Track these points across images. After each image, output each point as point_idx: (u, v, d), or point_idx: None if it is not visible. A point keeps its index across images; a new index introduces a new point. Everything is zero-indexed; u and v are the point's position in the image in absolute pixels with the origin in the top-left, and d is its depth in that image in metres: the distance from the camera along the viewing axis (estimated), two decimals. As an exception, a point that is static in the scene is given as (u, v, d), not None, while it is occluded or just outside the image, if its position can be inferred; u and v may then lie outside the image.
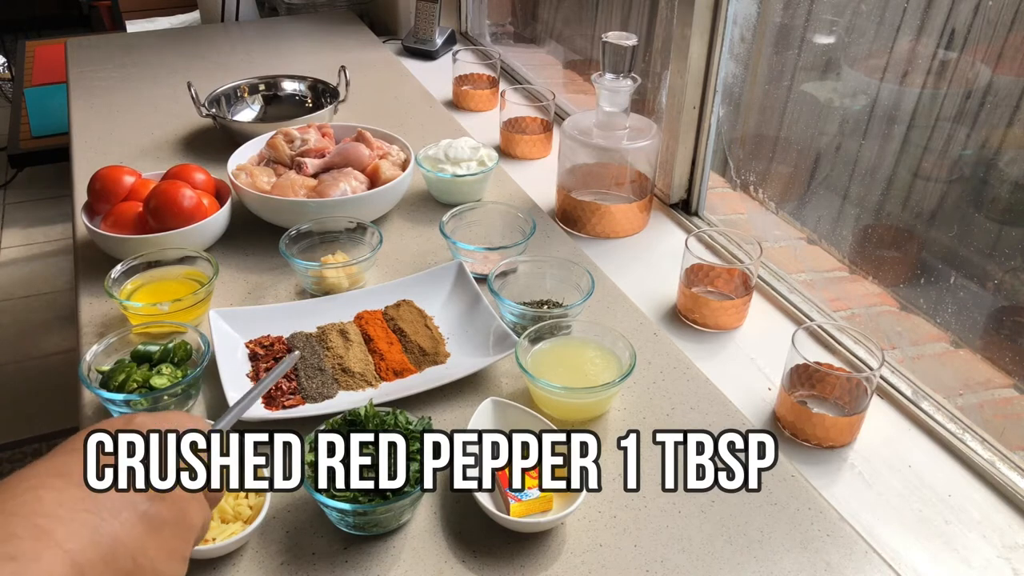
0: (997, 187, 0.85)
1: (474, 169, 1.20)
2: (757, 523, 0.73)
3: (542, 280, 1.00)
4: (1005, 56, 0.82)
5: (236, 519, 0.70)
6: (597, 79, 1.14)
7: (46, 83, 2.75)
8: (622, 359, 0.84)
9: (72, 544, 0.41)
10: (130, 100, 1.61)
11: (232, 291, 1.04)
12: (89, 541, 0.42)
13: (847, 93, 1.01)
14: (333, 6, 2.22)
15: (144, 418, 0.51)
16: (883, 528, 0.76)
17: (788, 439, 0.86)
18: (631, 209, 1.20)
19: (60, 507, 0.43)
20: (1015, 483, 0.79)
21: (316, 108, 1.54)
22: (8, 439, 2.10)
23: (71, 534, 0.42)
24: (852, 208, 1.03)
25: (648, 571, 0.68)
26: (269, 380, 0.67)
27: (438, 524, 0.72)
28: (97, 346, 0.85)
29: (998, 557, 0.74)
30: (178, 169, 1.13)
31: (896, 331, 0.97)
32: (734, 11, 1.12)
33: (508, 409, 0.80)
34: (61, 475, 0.45)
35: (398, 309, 0.97)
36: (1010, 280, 0.84)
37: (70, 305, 2.54)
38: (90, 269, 1.07)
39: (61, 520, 0.42)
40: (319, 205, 1.09)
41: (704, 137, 1.21)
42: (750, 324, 1.03)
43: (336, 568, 0.68)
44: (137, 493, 0.46)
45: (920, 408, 0.88)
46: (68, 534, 0.42)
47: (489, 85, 1.66)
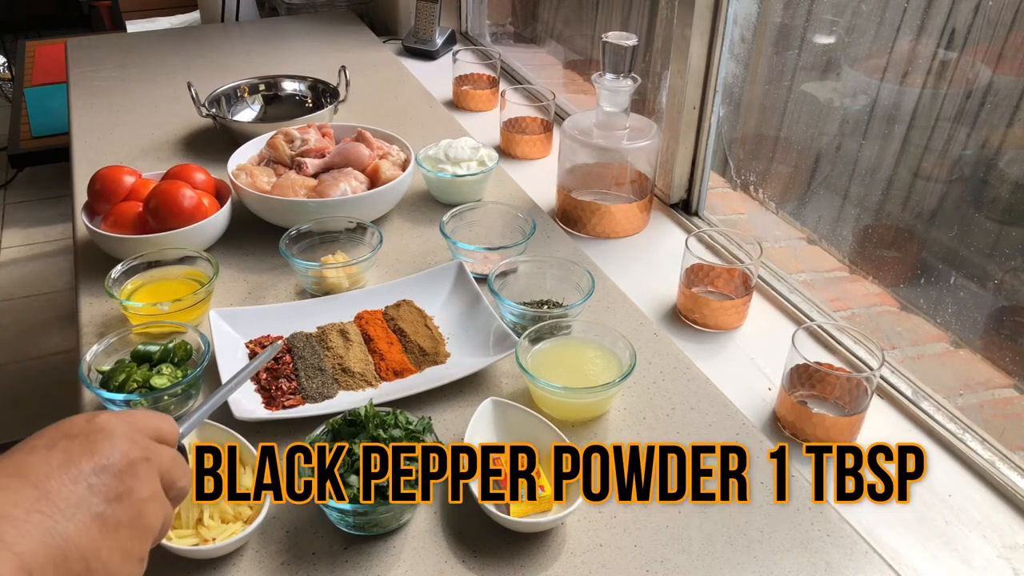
0: (997, 187, 0.85)
1: (474, 169, 1.20)
2: (757, 523, 0.73)
3: (542, 280, 1.00)
4: (1005, 56, 0.82)
5: (236, 519, 0.70)
6: (597, 79, 1.14)
7: (46, 83, 2.76)
8: (622, 359, 0.84)
9: (23, 546, 0.41)
10: (130, 100, 1.61)
11: (232, 291, 1.04)
12: (40, 543, 0.42)
13: (847, 93, 1.01)
14: (333, 6, 2.22)
15: (107, 416, 0.50)
16: (883, 528, 0.76)
17: (788, 439, 0.86)
18: (631, 209, 1.20)
19: (14, 507, 0.42)
20: (1015, 483, 0.79)
21: (316, 108, 1.54)
22: (8, 439, 2.10)
23: (22, 535, 0.41)
24: (852, 208, 1.03)
25: (648, 571, 0.68)
26: (244, 375, 0.67)
27: (438, 524, 0.72)
28: (97, 346, 0.85)
29: (998, 557, 0.74)
30: (178, 169, 1.13)
31: (896, 331, 0.97)
32: (734, 11, 1.12)
33: (508, 409, 0.80)
34: (18, 474, 0.44)
35: (398, 309, 0.97)
36: (1010, 280, 0.84)
37: (70, 305, 2.54)
38: (90, 269, 1.07)
39: (13, 521, 0.42)
40: (319, 205, 1.09)
41: (704, 137, 1.21)
42: (750, 324, 1.03)
43: (336, 568, 0.68)
44: (93, 495, 0.45)
45: (920, 408, 0.88)
46: (19, 535, 0.41)
47: (489, 85, 1.66)
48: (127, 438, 0.49)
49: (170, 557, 0.68)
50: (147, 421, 0.52)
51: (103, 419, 0.49)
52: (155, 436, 0.52)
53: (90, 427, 0.48)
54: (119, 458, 0.47)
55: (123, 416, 0.51)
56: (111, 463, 0.47)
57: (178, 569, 0.68)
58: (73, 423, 0.49)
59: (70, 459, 0.46)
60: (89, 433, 0.48)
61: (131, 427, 0.50)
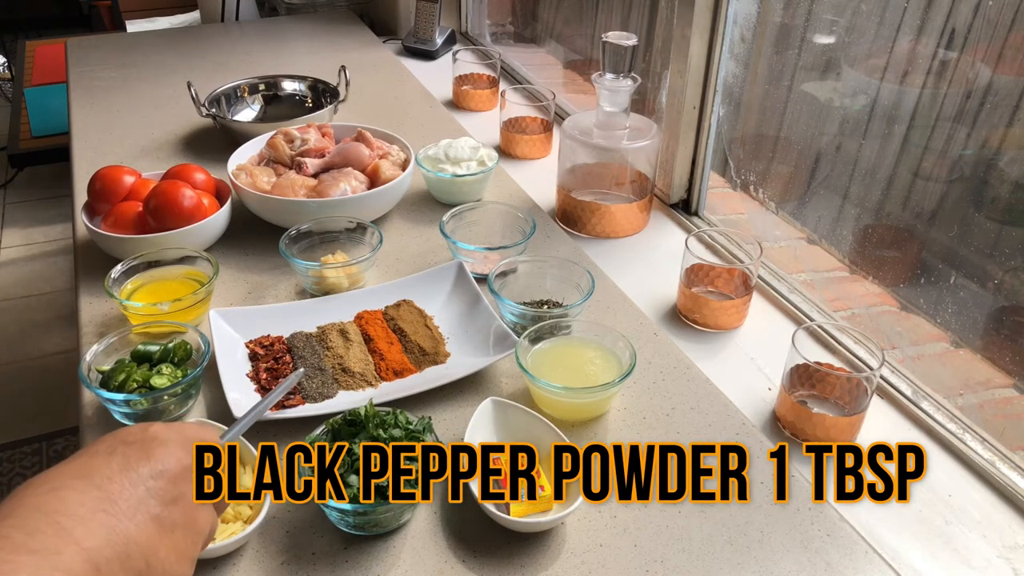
0: (997, 187, 0.85)
1: (474, 169, 1.20)
2: (757, 523, 0.73)
3: (542, 280, 1.00)
4: (1005, 56, 0.82)
5: (236, 519, 0.70)
6: (597, 79, 1.14)
7: (46, 83, 2.76)
8: (622, 359, 0.84)
9: (90, 543, 0.43)
10: (130, 100, 1.61)
11: (232, 291, 1.04)
12: (105, 540, 0.44)
13: (847, 93, 1.01)
14: (333, 6, 2.22)
15: (160, 426, 0.53)
16: (883, 528, 0.76)
17: (788, 439, 0.86)
18: (631, 209, 1.20)
19: (81, 507, 0.45)
20: (1015, 483, 0.79)
21: (316, 108, 1.54)
22: (8, 439, 2.10)
23: (89, 533, 0.44)
24: (852, 208, 1.03)
25: (648, 571, 0.68)
26: (275, 395, 0.69)
27: (438, 524, 0.72)
28: (97, 346, 0.85)
29: (998, 557, 0.74)
30: (178, 169, 1.13)
31: (896, 331, 0.97)
32: (734, 11, 1.12)
33: (508, 409, 0.80)
34: (82, 476, 0.47)
35: (398, 309, 0.97)
36: (1010, 280, 0.84)
37: (70, 305, 2.54)
38: (90, 269, 1.07)
39: (81, 519, 0.44)
40: (319, 205, 1.09)
41: (704, 137, 1.21)
42: (750, 324, 1.03)
43: (336, 568, 0.68)
44: (151, 497, 0.48)
45: (920, 408, 0.88)
46: (86, 533, 0.44)
47: (489, 85, 1.66)
48: (179, 445, 0.52)
49: (170, 557, 0.68)
50: (195, 432, 0.55)
51: (156, 428, 0.53)
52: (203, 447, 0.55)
53: (145, 435, 0.52)
54: (173, 464, 0.51)
55: (174, 427, 0.54)
56: (166, 468, 0.50)
57: (178, 569, 0.68)
58: (129, 432, 0.52)
59: (129, 464, 0.49)
60: (144, 441, 0.51)
61: (182, 436, 0.53)
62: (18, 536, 0.42)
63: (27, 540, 0.42)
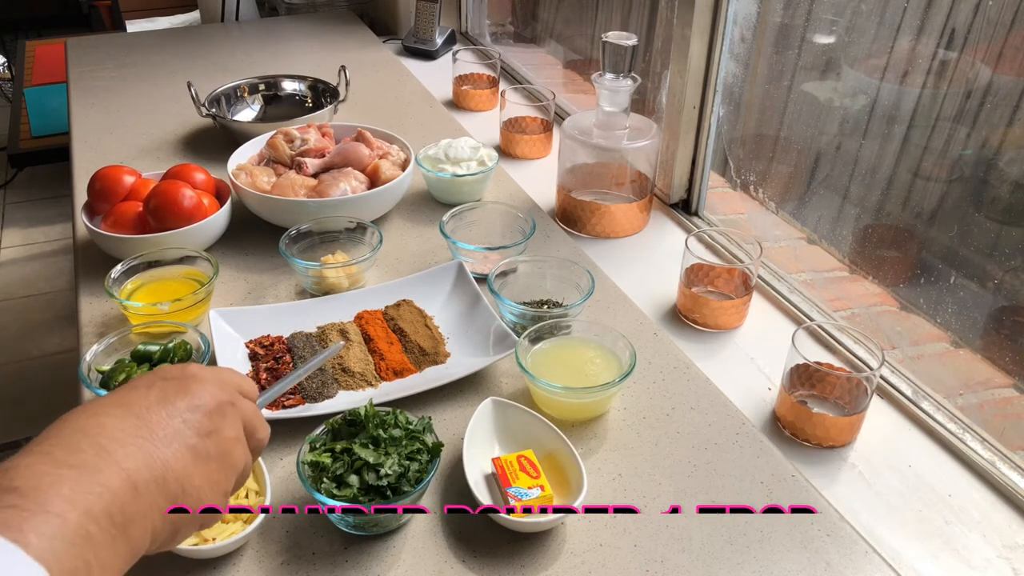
0: (997, 187, 0.85)
1: (474, 169, 1.20)
2: (757, 523, 0.73)
3: (542, 280, 1.00)
4: (1005, 56, 0.82)
5: (236, 519, 0.70)
6: (597, 79, 1.14)
7: (46, 83, 2.76)
8: (622, 359, 0.84)
9: (129, 464, 0.46)
10: (130, 100, 1.61)
11: (232, 291, 1.04)
12: (144, 463, 0.46)
13: (847, 93, 1.01)
14: (333, 6, 2.22)
15: (197, 367, 0.56)
16: (883, 528, 0.76)
17: (788, 439, 0.86)
18: (631, 209, 1.20)
19: (121, 432, 0.47)
20: (1015, 483, 0.79)
21: (316, 108, 1.54)
22: (8, 439, 2.10)
23: (128, 455, 0.46)
24: (852, 208, 1.03)
25: (648, 571, 0.68)
26: (314, 363, 0.70)
27: (438, 524, 0.72)
28: (97, 346, 0.86)
29: (998, 557, 0.74)
30: (178, 169, 1.13)
31: (896, 331, 0.97)
32: (734, 11, 1.12)
33: (508, 409, 0.80)
34: (122, 405, 0.49)
35: (398, 309, 0.97)
36: (1010, 280, 0.84)
37: (70, 305, 2.54)
38: (90, 269, 1.07)
39: (120, 443, 0.46)
40: (319, 205, 1.09)
41: (704, 137, 1.21)
42: (750, 324, 1.03)
43: (336, 568, 0.68)
44: (187, 428, 0.51)
45: (920, 408, 0.88)
46: (126, 455, 0.46)
47: (489, 85, 1.66)
48: (216, 383, 0.55)
49: (170, 557, 0.68)
50: (231, 377, 0.58)
51: (194, 368, 0.55)
52: (238, 391, 0.57)
53: (183, 373, 0.54)
54: (209, 399, 0.53)
55: (211, 368, 0.57)
56: (202, 403, 0.52)
57: (178, 569, 0.68)
58: (168, 369, 0.55)
59: (166, 397, 0.51)
60: (182, 377, 0.54)
61: (219, 377, 0.56)
62: (60, 453, 0.44)
63: (68, 457, 0.44)
